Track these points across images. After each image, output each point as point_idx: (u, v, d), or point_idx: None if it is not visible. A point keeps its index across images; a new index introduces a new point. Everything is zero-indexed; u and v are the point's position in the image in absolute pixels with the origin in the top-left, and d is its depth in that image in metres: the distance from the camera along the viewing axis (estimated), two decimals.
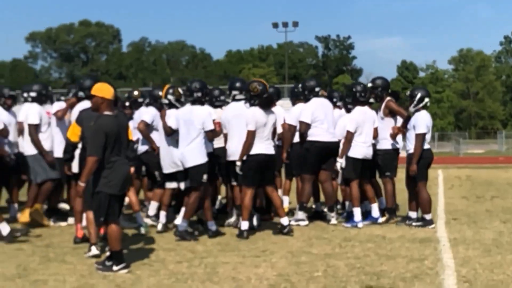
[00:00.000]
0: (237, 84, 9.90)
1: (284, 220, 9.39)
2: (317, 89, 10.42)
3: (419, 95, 10.06)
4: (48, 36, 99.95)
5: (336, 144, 10.36)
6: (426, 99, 10.09)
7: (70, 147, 8.66)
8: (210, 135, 9.25)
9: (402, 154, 10.60)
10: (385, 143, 10.46)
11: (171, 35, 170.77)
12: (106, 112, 7.35)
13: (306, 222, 10.23)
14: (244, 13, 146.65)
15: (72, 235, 9.05)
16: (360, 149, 10.24)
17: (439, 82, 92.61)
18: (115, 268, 7.20)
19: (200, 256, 7.99)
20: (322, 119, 10.22)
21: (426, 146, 10.02)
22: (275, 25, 68.52)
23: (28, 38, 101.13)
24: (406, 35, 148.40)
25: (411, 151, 9.99)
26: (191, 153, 9.15)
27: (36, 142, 10.07)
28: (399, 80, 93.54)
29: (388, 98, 10.67)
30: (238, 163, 9.28)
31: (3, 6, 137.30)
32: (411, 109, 10.11)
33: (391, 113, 10.55)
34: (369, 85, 10.74)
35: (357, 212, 10.15)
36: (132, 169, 8.17)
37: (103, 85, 7.53)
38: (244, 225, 9.25)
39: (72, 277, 7.04)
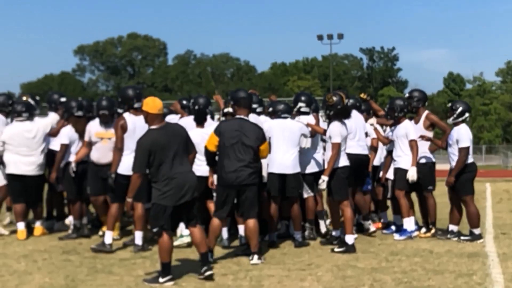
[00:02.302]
0: (303, 98, 10.20)
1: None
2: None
3: (460, 109, 9.96)
4: (95, 49, 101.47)
5: (367, 156, 10.38)
6: (467, 114, 10.01)
7: (209, 156, 8.63)
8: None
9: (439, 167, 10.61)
10: (426, 157, 10.41)
11: (216, 47, 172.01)
12: (153, 126, 7.46)
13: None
14: (288, 25, 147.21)
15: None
16: None
17: (486, 94, 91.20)
18: (161, 280, 7.24)
19: (245, 269, 7.99)
20: (354, 132, 10.18)
21: (470, 159, 9.93)
22: (320, 37, 68.31)
23: (76, 51, 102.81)
24: (453, 47, 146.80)
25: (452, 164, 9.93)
26: (294, 160, 9.44)
27: None
28: (445, 92, 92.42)
29: (427, 111, 10.61)
30: (326, 178, 9.18)
31: (52, 20, 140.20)
32: (450, 121, 10.05)
33: (432, 126, 10.48)
34: (406, 95, 10.73)
35: (408, 222, 10.14)
36: None
37: (149, 100, 7.64)
38: (350, 239, 9.16)
39: None
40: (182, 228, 9.29)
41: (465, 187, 9.85)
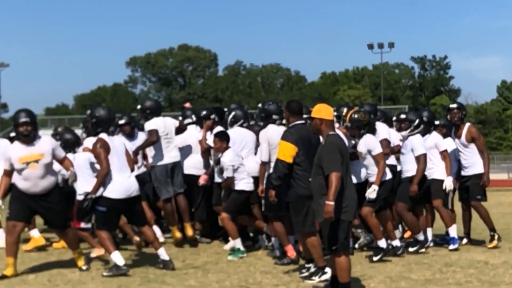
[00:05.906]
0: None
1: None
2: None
3: (417, 121, 9.92)
4: (147, 61, 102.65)
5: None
6: (422, 126, 9.94)
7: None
8: None
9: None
10: (476, 168, 10.26)
11: (266, 58, 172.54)
12: (330, 132, 7.06)
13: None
14: (338, 35, 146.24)
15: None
16: None
17: None
18: None
19: (297, 280, 7.95)
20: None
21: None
22: (370, 46, 68.11)
23: (128, 62, 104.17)
24: (506, 55, 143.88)
25: (408, 174, 9.80)
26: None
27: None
28: (499, 101, 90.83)
29: (468, 123, 10.47)
30: (376, 188, 9.02)
31: (105, 32, 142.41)
32: (406, 133, 9.94)
33: (472, 139, 10.30)
34: (454, 105, 10.49)
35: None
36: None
37: (322, 107, 7.18)
38: (382, 243, 9.23)
39: None
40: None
41: (404, 195, 9.74)
